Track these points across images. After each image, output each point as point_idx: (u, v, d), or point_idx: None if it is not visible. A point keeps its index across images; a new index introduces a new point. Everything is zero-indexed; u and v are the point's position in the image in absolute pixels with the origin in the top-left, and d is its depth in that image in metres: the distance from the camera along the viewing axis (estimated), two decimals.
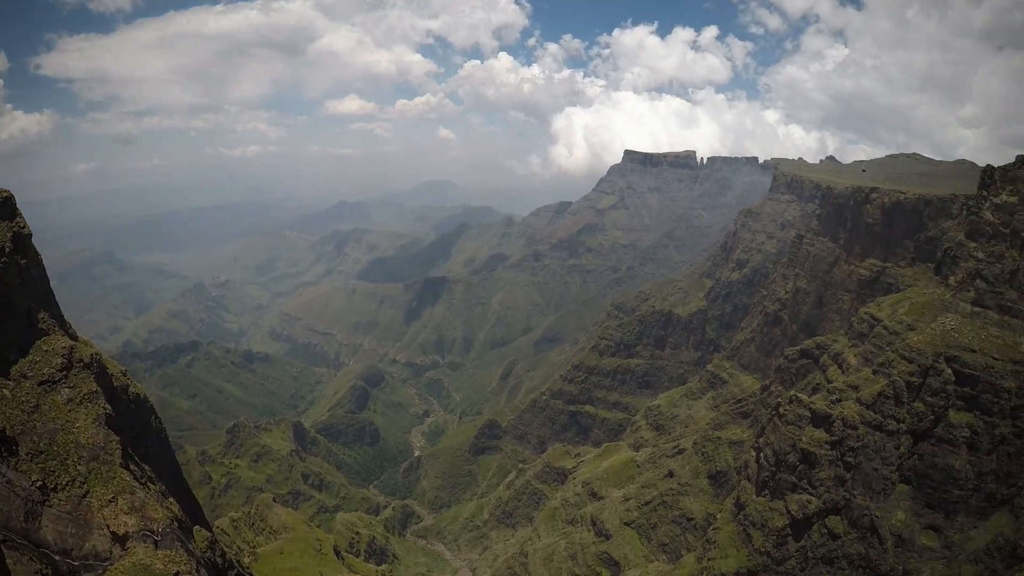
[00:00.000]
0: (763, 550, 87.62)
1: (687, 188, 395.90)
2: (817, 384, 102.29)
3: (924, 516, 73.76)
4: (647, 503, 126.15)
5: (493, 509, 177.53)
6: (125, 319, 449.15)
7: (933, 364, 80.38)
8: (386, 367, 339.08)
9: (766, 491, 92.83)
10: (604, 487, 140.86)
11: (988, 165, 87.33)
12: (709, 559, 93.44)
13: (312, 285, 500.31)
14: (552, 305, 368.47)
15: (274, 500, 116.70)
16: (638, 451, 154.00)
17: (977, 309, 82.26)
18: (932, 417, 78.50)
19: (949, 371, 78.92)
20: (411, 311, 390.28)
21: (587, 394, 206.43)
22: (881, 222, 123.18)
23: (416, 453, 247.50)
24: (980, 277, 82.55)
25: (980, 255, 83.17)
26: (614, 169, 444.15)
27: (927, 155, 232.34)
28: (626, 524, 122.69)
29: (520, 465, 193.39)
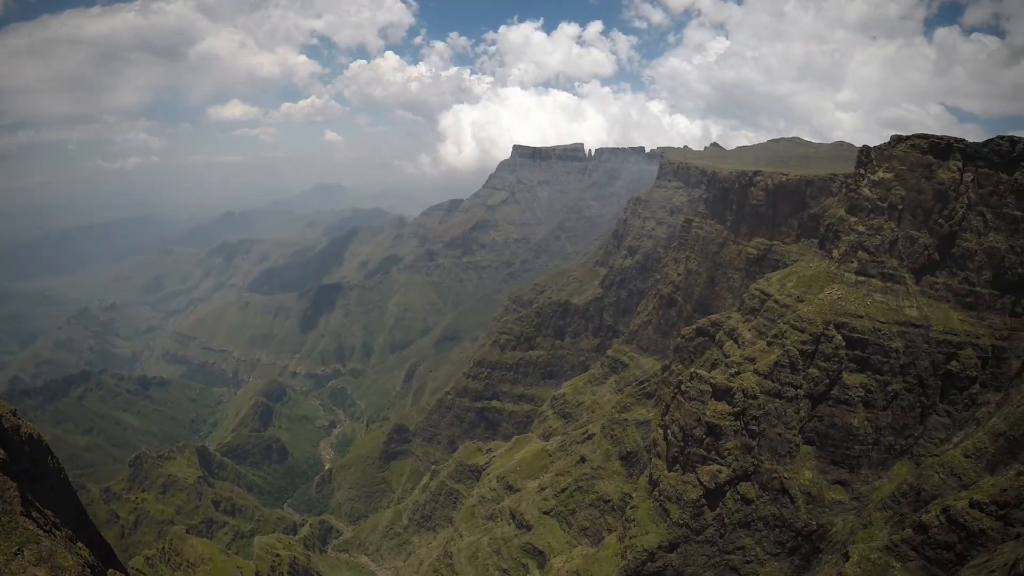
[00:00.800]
0: (681, 522, 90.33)
1: (576, 180, 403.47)
2: (715, 360, 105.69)
3: (830, 473, 78.82)
4: (563, 490, 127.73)
5: (411, 514, 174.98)
6: (9, 353, 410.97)
7: (823, 332, 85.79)
8: (287, 380, 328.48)
9: (677, 466, 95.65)
10: (519, 479, 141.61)
11: (864, 145, 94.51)
12: (631, 537, 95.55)
13: (203, 302, 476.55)
14: (450, 304, 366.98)
15: (187, 532, 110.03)
16: (548, 441, 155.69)
17: (861, 278, 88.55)
18: (827, 381, 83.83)
19: (839, 337, 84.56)
20: (307, 320, 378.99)
21: (492, 389, 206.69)
22: (765, 203, 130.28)
23: (327, 466, 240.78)
24: (862, 248, 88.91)
25: (861, 228, 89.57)
26: (503, 164, 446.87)
27: (807, 138, 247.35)
28: (545, 513, 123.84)
29: (433, 467, 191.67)
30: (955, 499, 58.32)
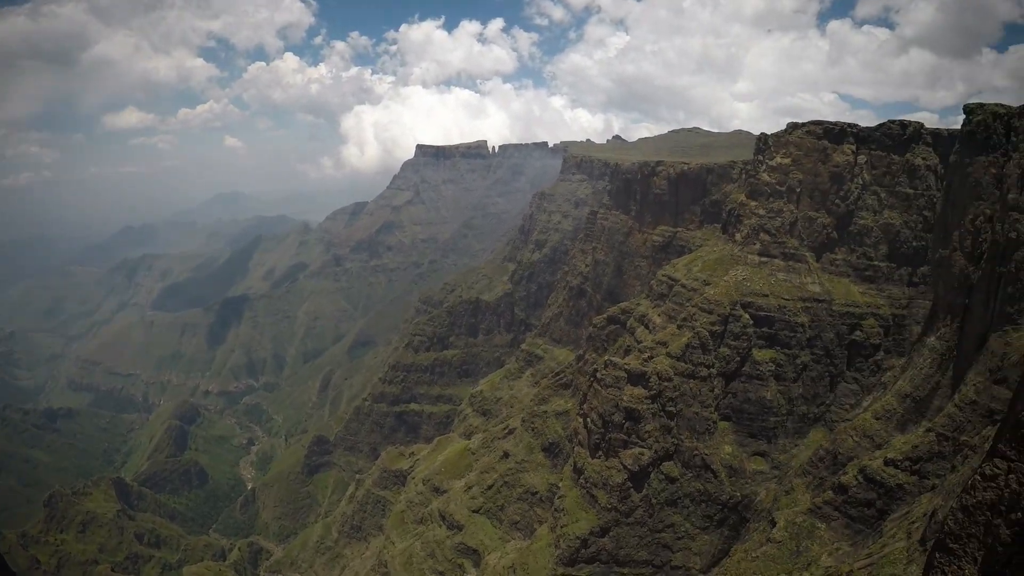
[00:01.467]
0: (610, 506, 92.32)
1: (481, 177, 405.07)
2: (628, 346, 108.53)
3: (749, 445, 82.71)
4: (490, 487, 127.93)
5: (341, 526, 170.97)
6: None
7: (731, 312, 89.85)
8: (199, 400, 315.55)
9: (600, 452, 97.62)
10: (445, 480, 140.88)
11: (762, 133, 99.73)
12: (562, 526, 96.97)
13: (107, 323, 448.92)
14: (360, 309, 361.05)
15: (112, 570, 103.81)
16: (470, 439, 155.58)
17: (764, 259, 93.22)
18: (738, 358, 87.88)
19: (747, 316, 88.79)
20: (215, 336, 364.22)
21: (409, 392, 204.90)
22: (668, 191, 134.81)
23: (249, 486, 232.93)
24: (763, 231, 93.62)
25: (761, 212, 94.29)
26: (407, 164, 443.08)
27: (706, 128, 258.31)
28: (474, 512, 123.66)
29: (357, 476, 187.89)
30: (870, 459, 62.52)
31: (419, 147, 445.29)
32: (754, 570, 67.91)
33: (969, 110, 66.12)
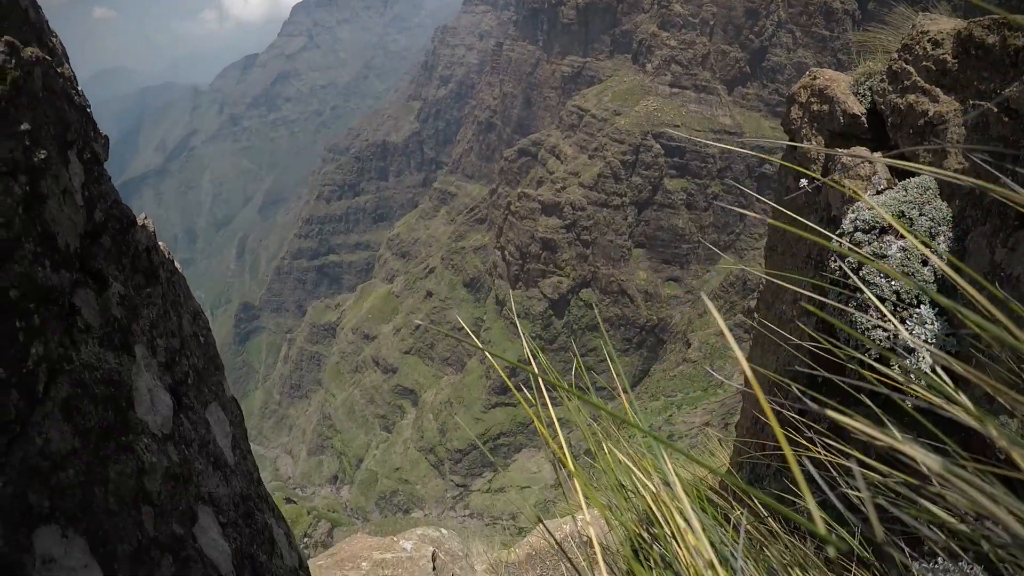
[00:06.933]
0: (534, 335, 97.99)
1: (378, 15, 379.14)
2: (540, 178, 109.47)
3: (663, 271, 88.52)
4: (417, 328, 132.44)
5: (280, 388, 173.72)
6: None
7: (642, 142, 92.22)
8: None
9: (520, 283, 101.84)
10: (374, 326, 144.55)
11: None
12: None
13: None
14: (265, 167, 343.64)
15: None
16: (393, 283, 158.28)
17: (675, 90, 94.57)
18: (650, 187, 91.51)
19: (658, 146, 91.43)
20: None
21: (326, 244, 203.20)
22: (577, 21, 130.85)
23: None
24: (675, 62, 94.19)
25: (673, 43, 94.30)
26: (298, 8, 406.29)
27: None
28: (406, 353, 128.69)
29: (288, 336, 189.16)
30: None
31: None
32: (673, 387, 75.52)
33: None
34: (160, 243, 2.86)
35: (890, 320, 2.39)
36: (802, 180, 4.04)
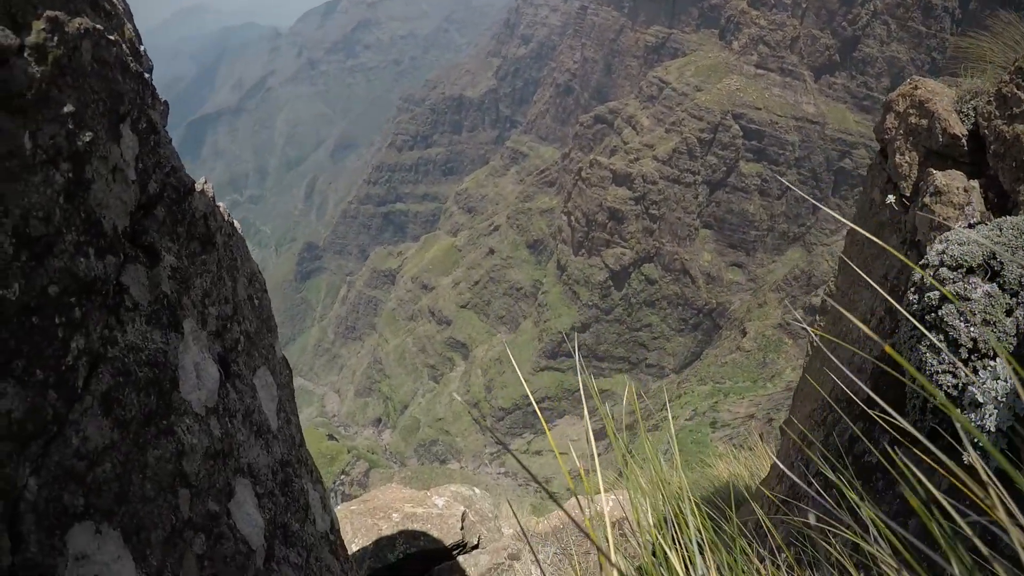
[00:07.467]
0: (591, 304, 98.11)
1: None
2: (614, 147, 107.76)
3: (728, 256, 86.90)
4: (476, 283, 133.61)
5: (336, 328, 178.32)
6: None
7: (721, 121, 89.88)
8: None
9: (583, 250, 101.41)
10: (433, 277, 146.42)
11: None
12: (545, 320, 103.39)
13: None
14: (339, 112, 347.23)
15: None
16: (456, 236, 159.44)
17: (760, 71, 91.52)
18: (724, 169, 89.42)
19: (737, 127, 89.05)
20: (192, 155, 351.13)
21: (394, 192, 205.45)
22: None
23: None
24: (763, 42, 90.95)
25: (763, 22, 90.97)
26: None
27: None
28: (462, 307, 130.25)
29: (348, 278, 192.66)
30: None
31: None
32: (723, 375, 74.60)
33: None
34: (220, 204, 2.88)
35: (961, 369, 2.30)
36: (889, 196, 3.94)
